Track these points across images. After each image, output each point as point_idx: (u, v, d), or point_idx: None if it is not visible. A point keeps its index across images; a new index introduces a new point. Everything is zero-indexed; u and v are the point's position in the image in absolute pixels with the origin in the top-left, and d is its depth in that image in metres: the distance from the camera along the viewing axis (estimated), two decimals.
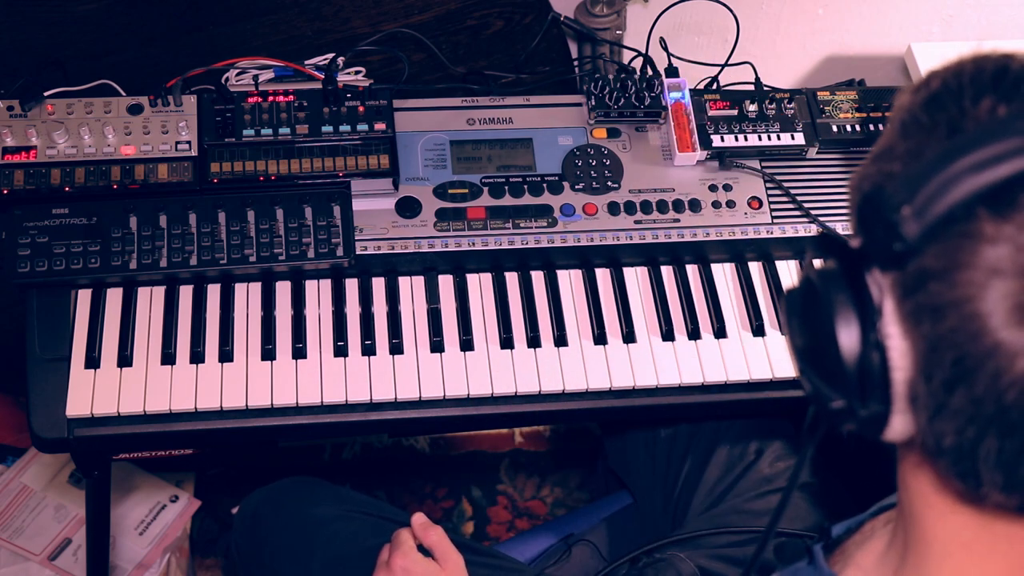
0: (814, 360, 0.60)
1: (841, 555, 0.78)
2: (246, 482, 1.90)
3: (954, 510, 0.61)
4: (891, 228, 0.53)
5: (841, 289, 0.57)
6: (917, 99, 0.59)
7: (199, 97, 1.25)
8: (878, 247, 0.55)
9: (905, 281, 0.54)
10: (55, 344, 1.14)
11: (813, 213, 1.30)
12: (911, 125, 0.58)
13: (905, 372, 0.56)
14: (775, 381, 1.21)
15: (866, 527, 0.79)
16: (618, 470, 1.42)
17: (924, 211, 0.52)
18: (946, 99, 0.57)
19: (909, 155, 0.57)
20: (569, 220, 1.26)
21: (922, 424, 0.56)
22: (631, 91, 1.32)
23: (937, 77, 0.59)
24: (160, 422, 1.13)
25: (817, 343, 0.59)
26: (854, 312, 0.56)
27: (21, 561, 1.64)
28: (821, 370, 0.59)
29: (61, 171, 1.18)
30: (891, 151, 0.59)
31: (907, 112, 0.59)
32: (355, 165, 1.23)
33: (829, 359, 0.57)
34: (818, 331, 0.58)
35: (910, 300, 0.54)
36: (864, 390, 0.57)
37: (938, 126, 0.56)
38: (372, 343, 1.18)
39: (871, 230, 0.55)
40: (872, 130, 1.34)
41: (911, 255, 0.53)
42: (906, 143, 0.58)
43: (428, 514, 1.15)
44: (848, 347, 0.56)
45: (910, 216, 0.52)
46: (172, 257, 1.17)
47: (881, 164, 0.59)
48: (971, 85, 0.56)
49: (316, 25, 1.44)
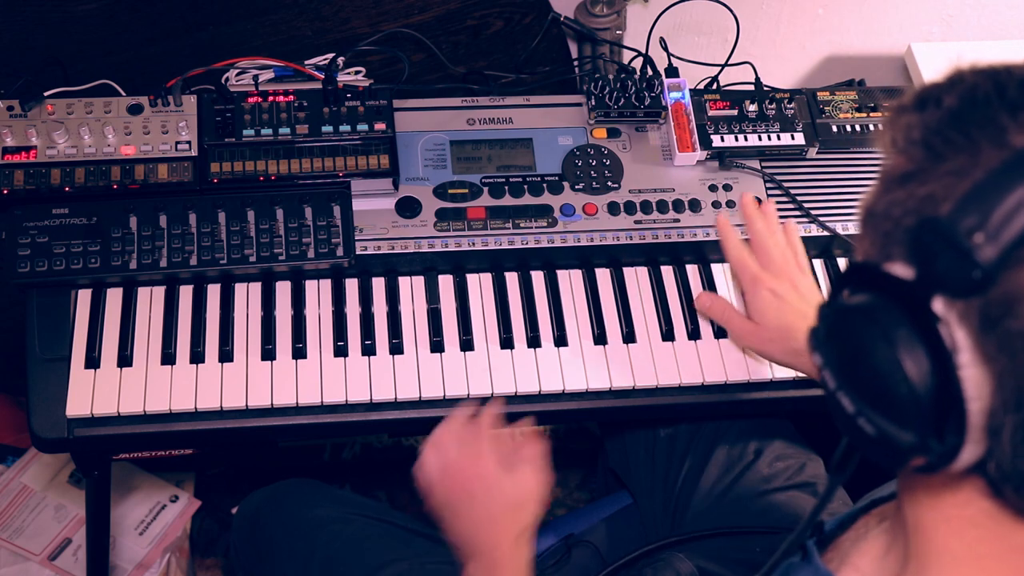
0: (874, 401, 0.56)
1: (835, 551, 0.78)
2: (246, 482, 1.90)
3: (974, 524, 0.60)
4: (965, 255, 0.50)
5: (902, 323, 0.54)
6: (933, 117, 0.57)
7: (199, 97, 1.25)
8: (946, 278, 0.52)
9: (987, 309, 0.52)
10: (55, 344, 1.14)
11: (813, 213, 1.30)
12: (940, 145, 0.55)
13: (983, 402, 0.53)
14: (775, 381, 1.21)
15: (860, 523, 0.79)
16: (618, 470, 1.42)
17: (999, 234, 0.50)
18: (976, 115, 0.55)
19: (952, 176, 0.54)
20: (569, 220, 1.26)
21: (1002, 452, 0.54)
22: (631, 91, 1.32)
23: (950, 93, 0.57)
24: (160, 422, 1.13)
25: (877, 383, 0.55)
26: (923, 347, 0.53)
27: (21, 561, 1.64)
28: (886, 411, 0.56)
29: (61, 171, 1.18)
30: (921, 174, 0.56)
31: (927, 131, 0.56)
32: (355, 165, 1.23)
33: (897, 399, 0.54)
34: (878, 370, 0.55)
35: (995, 330, 0.52)
36: (940, 425, 0.54)
37: (979, 143, 0.54)
38: (372, 343, 1.18)
39: (933, 260, 0.52)
40: (872, 130, 1.34)
41: (990, 283, 0.51)
42: (942, 165, 0.55)
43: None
44: (920, 383, 0.53)
45: (984, 241, 0.50)
46: (172, 257, 1.17)
47: (912, 187, 0.56)
48: (1000, 99, 0.54)
49: (316, 25, 1.44)
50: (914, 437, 0.55)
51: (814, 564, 0.74)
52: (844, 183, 1.33)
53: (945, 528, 0.62)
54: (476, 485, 0.96)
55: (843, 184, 1.33)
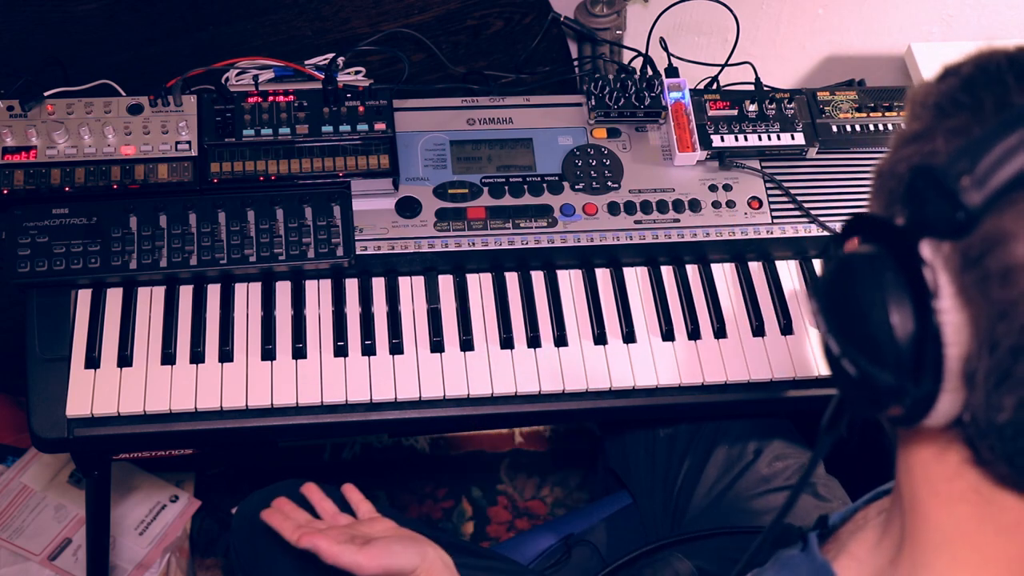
0: (858, 343, 0.58)
1: (835, 542, 0.78)
2: (246, 482, 1.90)
3: (963, 499, 0.61)
4: (951, 198, 0.52)
5: (888, 267, 0.56)
6: (948, 85, 0.59)
7: (199, 97, 1.25)
8: (933, 220, 0.54)
9: (967, 251, 0.53)
10: (55, 344, 1.14)
11: (813, 213, 1.30)
12: (948, 106, 0.58)
13: (960, 347, 0.54)
14: (775, 381, 1.21)
15: (859, 515, 0.79)
16: (618, 470, 1.42)
17: (987, 179, 0.52)
18: (986, 80, 0.57)
19: (953, 132, 0.57)
20: (569, 220, 1.26)
21: (977, 401, 0.55)
22: (631, 91, 1.32)
23: (968, 64, 0.59)
24: (160, 422, 1.13)
25: (862, 325, 0.57)
26: (905, 290, 0.55)
27: (21, 561, 1.64)
28: (867, 352, 0.57)
29: (61, 171, 1.18)
30: (928, 132, 0.58)
31: (940, 96, 0.59)
32: (355, 165, 1.23)
33: (878, 340, 0.56)
34: (863, 312, 0.57)
35: (974, 270, 0.53)
36: (917, 369, 0.55)
37: (983, 103, 0.56)
38: (372, 343, 1.18)
39: (923, 204, 0.54)
40: (872, 130, 1.34)
41: (972, 224, 0.52)
42: (947, 122, 0.57)
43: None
44: (901, 326, 0.55)
45: (970, 185, 0.52)
46: (172, 257, 1.17)
47: (918, 145, 0.59)
48: (1011, 67, 0.57)
49: (316, 25, 1.44)
50: (892, 379, 0.56)
51: (811, 554, 0.74)
52: (844, 183, 1.33)
53: (935, 503, 0.63)
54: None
55: (843, 184, 1.33)
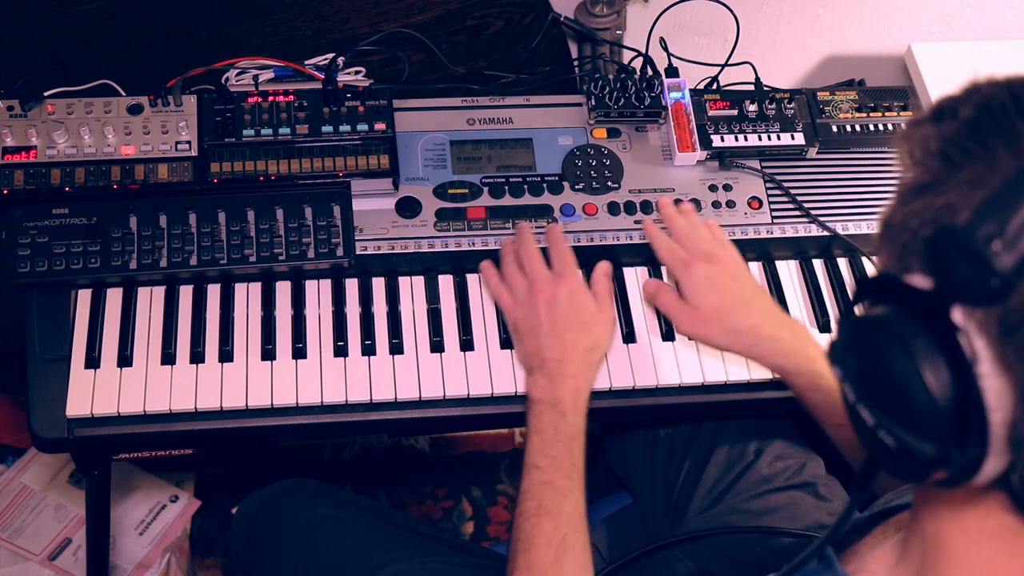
0: (894, 413, 0.56)
1: (853, 555, 0.77)
2: (246, 482, 1.90)
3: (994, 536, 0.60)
4: (983, 264, 0.50)
5: (919, 334, 0.54)
6: (950, 129, 0.56)
7: (199, 97, 1.25)
8: (965, 287, 0.52)
9: (1005, 319, 0.51)
10: (55, 344, 1.14)
11: (813, 213, 1.30)
12: (957, 155, 0.55)
13: (1004, 412, 0.53)
14: (775, 381, 1.21)
15: (878, 530, 0.79)
16: (618, 470, 1.42)
17: (1018, 241, 0.49)
18: (992, 124, 0.55)
19: (969, 185, 0.54)
20: (569, 220, 1.26)
21: None
22: (631, 91, 1.32)
23: (967, 104, 0.56)
24: (160, 422, 1.13)
25: (897, 395, 0.55)
26: (942, 358, 0.53)
27: (21, 561, 1.64)
28: (906, 423, 0.55)
29: (61, 171, 1.18)
30: (938, 184, 0.56)
31: (943, 141, 0.56)
32: (355, 165, 1.23)
33: (917, 410, 0.54)
34: (898, 381, 0.54)
35: (1014, 336, 0.51)
36: (962, 437, 0.53)
37: (995, 152, 0.54)
38: (372, 343, 1.18)
39: (951, 269, 0.52)
40: (872, 130, 1.34)
41: (1009, 291, 0.50)
42: (958, 174, 0.55)
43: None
44: (941, 395, 0.53)
45: (1003, 249, 0.49)
46: (172, 257, 1.17)
47: (928, 199, 0.56)
48: (1016, 107, 0.54)
49: (316, 25, 1.44)
50: (935, 449, 0.54)
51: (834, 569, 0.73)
52: (844, 183, 1.33)
53: (963, 540, 0.62)
54: (562, 293, 1.12)
55: (843, 184, 1.33)
